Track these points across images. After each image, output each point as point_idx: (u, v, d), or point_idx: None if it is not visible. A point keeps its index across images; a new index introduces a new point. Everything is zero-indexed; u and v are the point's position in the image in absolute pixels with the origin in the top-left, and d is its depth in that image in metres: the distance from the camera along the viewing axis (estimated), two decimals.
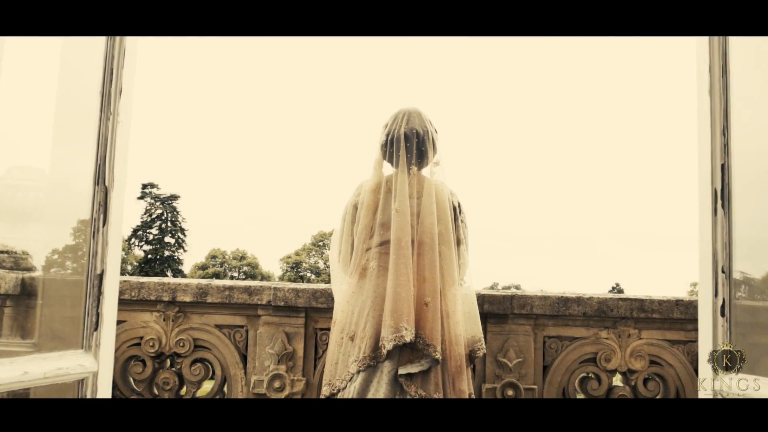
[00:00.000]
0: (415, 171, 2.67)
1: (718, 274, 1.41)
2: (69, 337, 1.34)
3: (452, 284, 2.62)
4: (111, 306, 1.40)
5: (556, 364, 3.01)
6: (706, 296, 1.42)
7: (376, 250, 2.62)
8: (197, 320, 2.99)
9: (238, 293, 2.97)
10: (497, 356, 2.96)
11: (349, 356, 2.53)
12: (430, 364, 2.48)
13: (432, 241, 2.60)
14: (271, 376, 2.91)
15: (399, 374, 2.46)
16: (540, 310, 2.99)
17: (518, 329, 2.99)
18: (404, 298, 2.50)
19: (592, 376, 3.06)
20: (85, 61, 1.42)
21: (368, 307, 2.55)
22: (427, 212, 2.62)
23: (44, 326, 1.37)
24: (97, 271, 1.38)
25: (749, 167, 1.40)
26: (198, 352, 2.99)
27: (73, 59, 1.44)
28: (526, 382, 2.96)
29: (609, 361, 3.01)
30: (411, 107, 2.74)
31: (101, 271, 1.39)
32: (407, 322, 2.47)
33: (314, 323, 3.00)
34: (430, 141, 2.68)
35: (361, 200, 2.72)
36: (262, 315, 2.97)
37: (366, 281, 2.61)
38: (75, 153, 1.42)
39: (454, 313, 2.59)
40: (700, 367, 1.42)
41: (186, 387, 2.98)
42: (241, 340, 3.00)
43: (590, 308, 3.00)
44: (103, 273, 1.39)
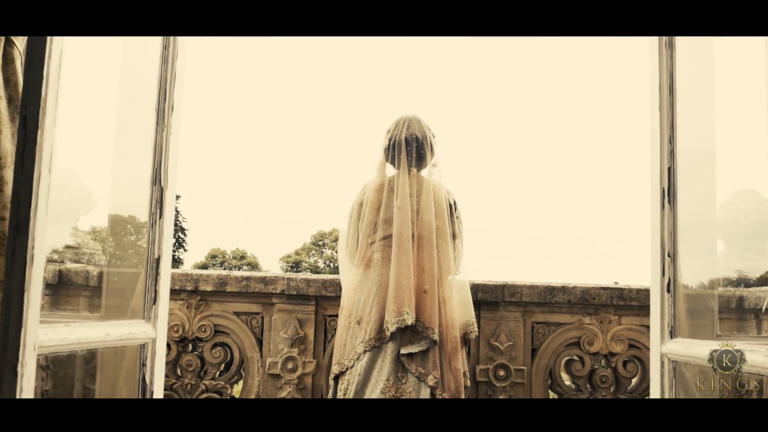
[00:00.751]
0: (414, 172, 2.97)
1: (665, 258, 1.71)
2: (135, 310, 1.64)
3: (448, 274, 2.92)
4: (165, 285, 1.70)
5: (543, 347, 3.31)
6: (656, 276, 1.72)
7: (380, 243, 2.92)
8: (217, 308, 3.29)
9: (255, 283, 3.27)
10: (490, 340, 3.27)
11: (356, 338, 2.83)
12: (429, 344, 2.78)
13: (430, 235, 2.90)
14: (284, 358, 3.21)
15: (401, 354, 2.76)
16: (528, 298, 3.29)
17: (509, 315, 3.29)
18: (405, 286, 2.80)
19: (576, 359, 3.36)
20: (143, 82, 1.72)
21: (373, 294, 2.85)
22: (426, 209, 2.92)
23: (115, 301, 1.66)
24: (155, 256, 1.68)
25: (689, 169, 1.70)
26: (218, 336, 3.29)
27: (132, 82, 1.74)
28: (516, 363, 3.26)
29: (592, 344, 3.31)
30: (411, 114, 3.04)
31: (158, 256, 1.69)
32: (408, 307, 2.77)
33: (324, 310, 3.30)
34: (428, 145, 2.98)
35: (366, 199, 3.02)
36: (276, 303, 3.27)
37: (371, 271, 2.91)
38: (135, 159, 1.71)
39: (450, 300, 2.89)
40: (652, 333, 1.73)
41: (207, 368, 3.28)
42: (257, 326, 3.30)
43: (574, 296, 3.30)
44: (159, 258, 1.69)
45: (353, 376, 2.79)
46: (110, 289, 1.70)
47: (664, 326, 1.69)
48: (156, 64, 1.73)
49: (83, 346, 1.45)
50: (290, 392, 3.20)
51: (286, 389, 3.21)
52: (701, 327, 1.70)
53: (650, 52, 1.78)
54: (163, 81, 1.72)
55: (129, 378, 1.64)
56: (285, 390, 3.21)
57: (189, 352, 3.30)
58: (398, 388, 2.74)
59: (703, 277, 1.74)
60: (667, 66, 1.75)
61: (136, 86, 1.77)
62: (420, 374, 2.75)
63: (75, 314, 1.61)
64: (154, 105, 1.71)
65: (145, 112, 1.73)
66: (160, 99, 1.71)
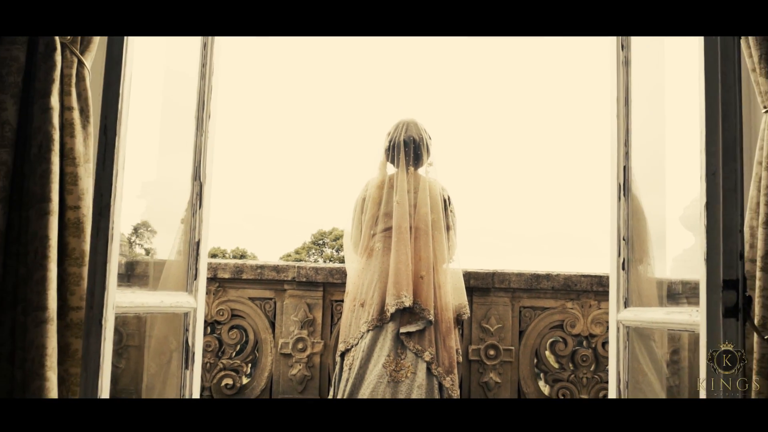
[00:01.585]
0: (412, 170, 3.30)
1: (620, 242, 2.05)
2: (179, 284, 1.98)
3: (443, 262, 3.26)
4: (203, 264, 2.04)
5: (529, 329, 3.65)
6: (613, 256, 2.06)
7: (381, 234, 3.26)
8: (234, 294, 3.62)
9: (268, 271, 3.61)
10: (481, 323, 3.60)
11: (360, 319, 3.17)
12: (425, 324, 3.11)
13: (426, 227, 3.24)
14: (295, 339, 3.55)
15: (400, 332, 3.09)
16: (516, 285, 3.62)
17: (498, 300, 3.63)
18: (404, 272, 3.14)
19: (559, 340, 3.69)
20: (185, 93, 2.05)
21: (375, 280, 3.18)
22: (422, 203, 3.25)
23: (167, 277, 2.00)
24: (196, 240, 2.02)
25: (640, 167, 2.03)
26: (235, 320, 3.62)
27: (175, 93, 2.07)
28: (504, 344, 3.59)
29: (574, 327, 3.65)
30: (409, 118, 3.38)
31: (198, 239, 2.02)
32: (407, 291, 3.10)
33: (330, 296, 3.64)
34: (424, 146, 3.32)
35: (368, 195, 3.35)
36: (287, 289, 3.61)
37: (373, 260, 3.24)
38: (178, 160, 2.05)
39: (444, 285, 3.22)
40: (610, 304, 2.06)
41: (225, 348, 3.61)
42: (270, 310, 3.64)
43: (558, 283, 3.64)
44: (199, 241, 2.02)
45: (358, 352, 3.12)
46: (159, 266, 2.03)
47: (619, 298, 2.03)
48: (195, 81, 2.06)
49: (145, 310, 1.79)
50: (300, 370, 3.53)
51: (297, 367, 3.54)
52: (650, 298, 2.03)
53: (610, 69, 2.12)
54: (201, 93, 2.06)
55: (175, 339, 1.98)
56: (295, 368, 3.54)
57: (208, 334, 3.62)
58: (398, 363, 3.07)
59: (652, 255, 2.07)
60: (624, 81, 2.08)
61: (176, 98, 2.10)
62: (417, 351, 3.08)
63: (134, 287, 1.93)
64: (194, 113, 2.05)
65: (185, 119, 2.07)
66: (199, 109, 2.05)
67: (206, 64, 2.06)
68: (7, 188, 1.69)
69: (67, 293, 1.74)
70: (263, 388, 3.57)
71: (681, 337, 1.88)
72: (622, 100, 2.09)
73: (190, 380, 1.99)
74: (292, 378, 3.55)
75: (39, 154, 1.70)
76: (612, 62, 2.11)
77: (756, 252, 1.76)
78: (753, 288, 1.76)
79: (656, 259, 2.07)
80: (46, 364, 1.65)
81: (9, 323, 1.70)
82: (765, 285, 1.74)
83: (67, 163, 1.75)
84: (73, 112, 1.78)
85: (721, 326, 1.47)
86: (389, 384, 3.00)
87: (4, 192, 1.69)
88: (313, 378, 3.56)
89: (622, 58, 2.10)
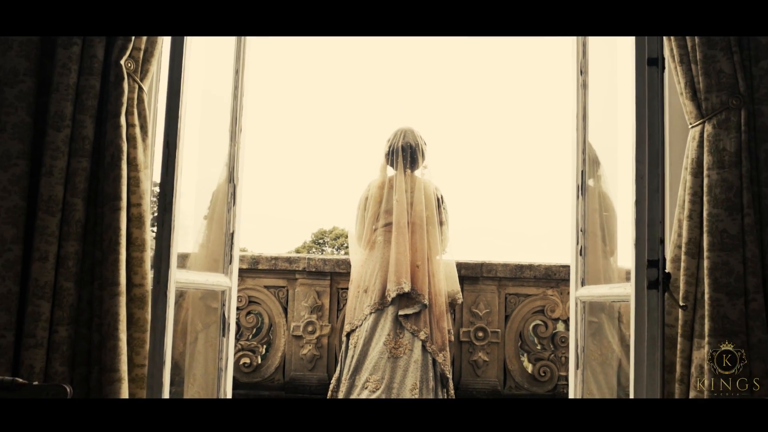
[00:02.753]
0: (409, 173, 3.75)
1: (578, 233, 2.49)
2: (216, 267, 2.42)
3: (436, 253, 3.71)
4: (236, 251, 2.48)
5: (514, 314, 4.09)
6: (573, 245, 2.50)
7: (382, 229, 3.70)
8: (251, 282, 4.07)
9: (281, 262, 4.05)
10: (471, 308, 4.04)
11: (364, 303, 3.61)
12: (420, 308, 3.55)
13: (422, 222, 3.68)
14: (305, 323, 3.99)
15: (399, 315, 3.53)
16: (502, 274, 4.07)
17: (486, 288, 4.07)
18: (402, 262, 3.58)
19: (541, 323, 4.13)
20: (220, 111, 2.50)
21: (377, 269, 3.63)
22: (418, 202, 3.70)
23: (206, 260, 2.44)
24: (230, 231, 2.46)
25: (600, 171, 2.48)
26: (251, 305, 4.07)
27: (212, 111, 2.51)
28: (492, 327, 4.03)
29: (553, 311, 4.09)
30: (407, 127, 3.83)
31: (232, 231, 2.47)
32: (406, 278, 3.55)
33: (337, 284, 4.08)
34: (420, 151, 3.76)
35: (370, 194, 3.80)
36: (298, 278, 4.05)
37: (375, 251, 3.69)
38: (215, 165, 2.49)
39: (437, 273, 3.67)
40: (570, 283, 2.51)
41: (242, 331, 4.05)
42: (283, 297, 4.08)
43: (539, 273, 4.08)
44: (233, 232, 2.47)
45: (361, 332, 3.57)
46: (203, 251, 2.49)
47: (577, 278, 2.48)
48: (229, 100, 2.51)
49: (195, 286, 2.24)
50: (310, 350, 3.98)
51: (307, 347, 3.99)
52: (601, 278, 2.48)
53: (571, 91, 2.56)
54: (234, 111, 2.50)
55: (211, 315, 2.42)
56: (306, 348, 3.99)
57: None
58: (396, 341, 3.52)
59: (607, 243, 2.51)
60: (582, 101, 2.53)
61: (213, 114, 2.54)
62: (414, 330, 3.53)
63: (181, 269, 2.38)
64: (228, 128, 2.49)
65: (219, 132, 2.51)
66: (233, 123, 2.49)
67: (238, 86, 2.51)
68: (86, 189, 2.14)
69: (131, 273, 2.19)
70: (277, 366, 4.02)
71: (621, 306, 2.32)
72: (581, 116, 2.54)
73: (227, 346, 2.44)
74: (303, 357, 3.99)
75: (111, 162, 2.14)
76: (573, 85, 2.56)
77: (682, 240, 2.20)
78: (680, 269, 2.20)
79: (609, 246, 2.51)
80: (119, 327, 2.09)
81: (87, 296, 2.15)
82: (688, 266, 2.17)
83: (131, 169, 2.20)
84: (136, 128, 2.22)
85: (645, 296, 1.90)
86: (389, 359, 3.45)
87: (84, 192, 2.13)
88: (322, 357, 4.00)
89: (581, 81, 2.54)
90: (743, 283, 2.08)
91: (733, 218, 2.10)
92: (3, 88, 2.11)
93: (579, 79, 2.55)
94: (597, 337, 2.47)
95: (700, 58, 2.17)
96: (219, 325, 2.44)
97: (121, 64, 2.16)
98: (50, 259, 2.08)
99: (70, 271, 2.10)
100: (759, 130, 2.16)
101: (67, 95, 2.11)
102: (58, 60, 2.13)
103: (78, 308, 2.13)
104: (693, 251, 2.17)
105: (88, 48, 2.15)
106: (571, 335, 2.52)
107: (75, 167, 2.12)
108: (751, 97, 2.17)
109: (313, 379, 3.96)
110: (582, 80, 2.55)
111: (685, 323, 2.17)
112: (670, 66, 2.25)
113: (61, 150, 2.11)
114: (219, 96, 2.56)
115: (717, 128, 2.16)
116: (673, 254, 2.22)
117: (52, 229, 2.08)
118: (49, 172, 2.09)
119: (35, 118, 2.14)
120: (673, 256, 2.22)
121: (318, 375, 3.98)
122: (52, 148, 2.10)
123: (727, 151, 2.14)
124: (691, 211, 2.19)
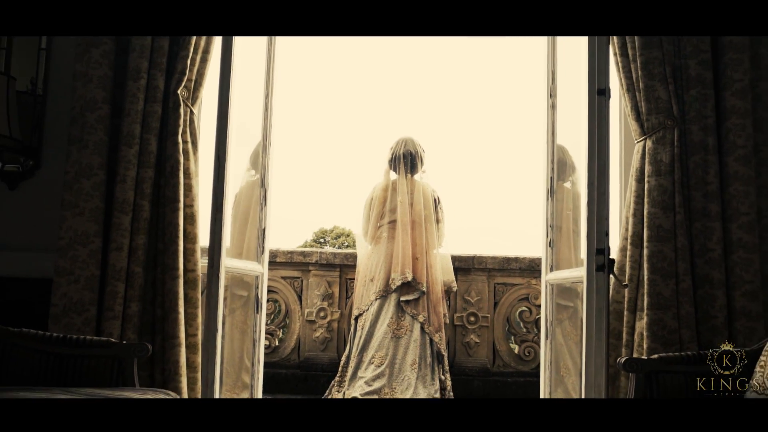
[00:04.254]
0: (410, 177, 4.29)
1: (548, 228, 3.03)
2: (251, 256, 2.97)
3: (433, 247, 4.25)
4: (267, 244, 3.03)
5: (502, 301, 4.63)
6: (544, 238, 3.04)
7: (386, 226, 4.24)
8: (270, 273, 4.59)
9: (296, 255, 4.59)
10: (464, 295, 4.58)
11: (369, 290, 4.16)
12: (419, 294, 4.10)
13: (421, 220, 4.23)
14: (317, 309, 4.53)
15: (401, 300, 4.08)
16: (492, 266, 4.61)
17: (477, 278, 4.61)
18: (404, 255, 4.13)
19: (526, 309, 4.67)
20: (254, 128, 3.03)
21: (382, 261, 4.17)
22: (417, 202, 4.24)
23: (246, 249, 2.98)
24: (262, 227, 3.01)
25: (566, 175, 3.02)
26: (270, 294, 4.61)
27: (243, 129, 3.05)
28: (482, 312, 4.57)
29: (537, 299, 4.61)
30: (407, 136, 4.37)
31: (263, 227, 3.01)
32: (408, 269, 4.09)
33: (345, 275, 4.62)
34: (419, 158, 4.30)
35: (375, 195, 4.35)
36: (311, 270, 4.59)
37: (380, 245, 4.23)
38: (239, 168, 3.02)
39: (434, 265, 4.21)
40: (542, 269, 3.04)
41: None
42: (298, 287, 4.62)
43: (524, 264, 4.62)
44: (264, 228, 3.01)
45: (368, 316, 4.11)
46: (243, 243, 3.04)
47: (547, 266, 3.02)
48: (260, 119, 3.05)
49: (238, 271, 2.79)
50: (322, 333, 4.52)
51: (319, 331, 4.53)
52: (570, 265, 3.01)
53: (543, 111, 3.10)
54: (264, 129, 3.04)
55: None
56: (318, 331, 4.53)
57: None
58: (399, 323, 4.06)
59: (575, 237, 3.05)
60: (551, 119, 3.07)
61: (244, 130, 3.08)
62: (413, 314, 4.07)
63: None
64: (260, 141, 3.03)
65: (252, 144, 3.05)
66: (263, 138, 3.03)
67: (267, 108, 3.05)
68: (151, 193, 2.67)
69: (186, 261, 2.72)
70: (293, 347, 4.56)
71: (578, 287, 2.86)
72: (550, 132, 3.08)
73: (260, 321, 2.99)
74: (316, 339, 4.53)
75: (171, 172, 2.68)
76: (544, 106, 3.09)
77: (628, 233, 2.74)
78: (626, 256, 2.73)
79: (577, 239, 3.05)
80: (179, 303, 2.63)
81: (152, 279, 2.69)
82: (632, 254, 2.71)
83: (185, 177, 2.73)
84: (189, 144, 2.76)
85: (594, 277, 2.42)
86: (392, 338, 3.99)
87: (150, 196, 2.67)
88: (332, 339, 4.54)
89: (550, 103, 3.08)
90: (675, 267, 2.62)
91: (667, 215, 2.64)
92: (85, 114, 2.64)
93: (549, 101, 3.08)
94: (565, 312, 3.01)
95: (642, 87, 2.70)
96: (253, 303, 2.98)
97: (177, 93, 2.70)
98: (124, 249, 2.61)
99: (140, 259, 2.64)
100: (689, 146, 2.69)
101: (136, 118, 2.65)
102: (129, 90, 2.66)
103: (145, 288, 2.67)
104: (636, 242, 2.70)
105: (152, 80, 2.68)
106: (542, 312, 3.05)
107: (143, 176, 2.66)
108: (683, 119, 2.70)
109: (325, 358, 4.50)
110: (551, 102, 3.09)
111: (630, 300, 2.70)
112: (620, 92, 2.78)
113: (132, 162, 2.64)
114: (248, 118, 3.09)
115: (656, 143, 2.69)
116: (621, 244, 2.75)
117: (125, 226, 2.62)
118: (122, 180, 2.63)
119: (110, 137, 2.68)
120: (621, 246, 2.76)
121: (329, 355, 4.52)
122: (124, 161, 2.64)
123: (663, 162, 2.67)
124: (635, 210, 2.72)
